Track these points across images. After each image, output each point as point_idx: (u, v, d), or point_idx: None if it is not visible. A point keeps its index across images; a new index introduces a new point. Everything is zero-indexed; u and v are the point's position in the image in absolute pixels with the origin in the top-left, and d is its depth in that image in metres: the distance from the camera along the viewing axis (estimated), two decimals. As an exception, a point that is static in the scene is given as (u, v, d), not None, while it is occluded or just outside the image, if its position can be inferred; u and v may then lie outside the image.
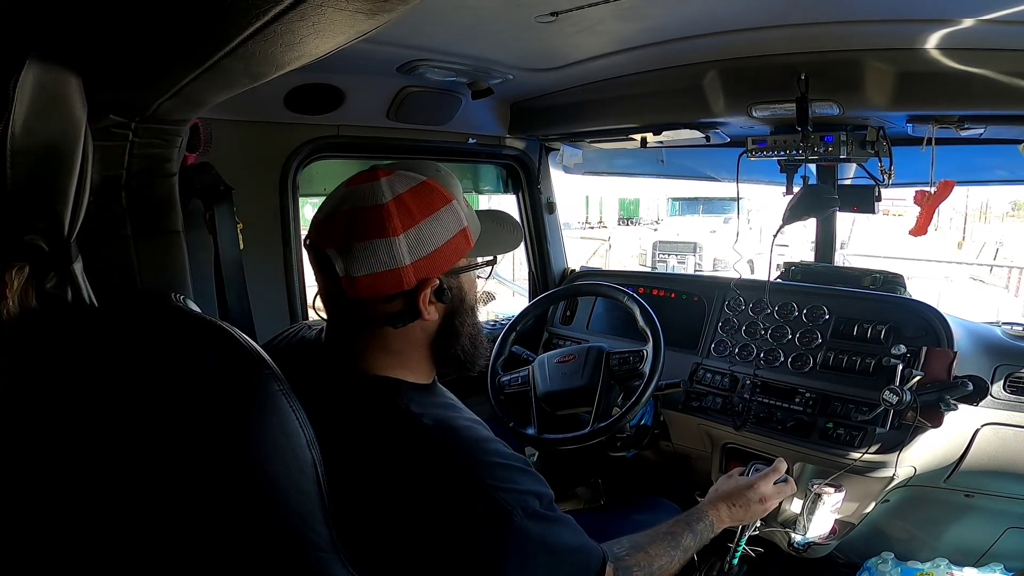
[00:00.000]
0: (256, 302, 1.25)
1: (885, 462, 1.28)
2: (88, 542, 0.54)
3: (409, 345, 0.77)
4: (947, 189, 1.34)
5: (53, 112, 0.58)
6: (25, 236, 0.59)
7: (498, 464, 0.72)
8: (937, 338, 1.32)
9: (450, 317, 0.78)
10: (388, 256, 0.70)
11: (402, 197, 0.72)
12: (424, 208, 0.72)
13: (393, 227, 0.70)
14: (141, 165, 0.97)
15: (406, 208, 0.71)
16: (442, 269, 0.74)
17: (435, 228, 0.73)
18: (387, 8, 0.49)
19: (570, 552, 0.76)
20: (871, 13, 1.11)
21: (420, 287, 0.73)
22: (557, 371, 1.49)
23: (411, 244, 0.71)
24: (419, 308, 0.73)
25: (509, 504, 0.70)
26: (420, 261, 0.72)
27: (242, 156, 1.39)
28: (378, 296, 0.73)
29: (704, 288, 1.75)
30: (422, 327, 0.77)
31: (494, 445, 0.74)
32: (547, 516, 0.74)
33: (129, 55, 0.62)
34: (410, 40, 1.26)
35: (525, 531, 0.70)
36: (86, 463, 0.55)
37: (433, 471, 0.70)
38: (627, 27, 1.22)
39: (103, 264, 0.92)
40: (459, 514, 0.69)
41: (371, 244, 0.70)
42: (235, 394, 0.56)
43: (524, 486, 0.73)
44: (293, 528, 0.58)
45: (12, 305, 0.55)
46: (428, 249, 0.72)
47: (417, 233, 0.71)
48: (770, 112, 1.38)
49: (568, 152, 2.09)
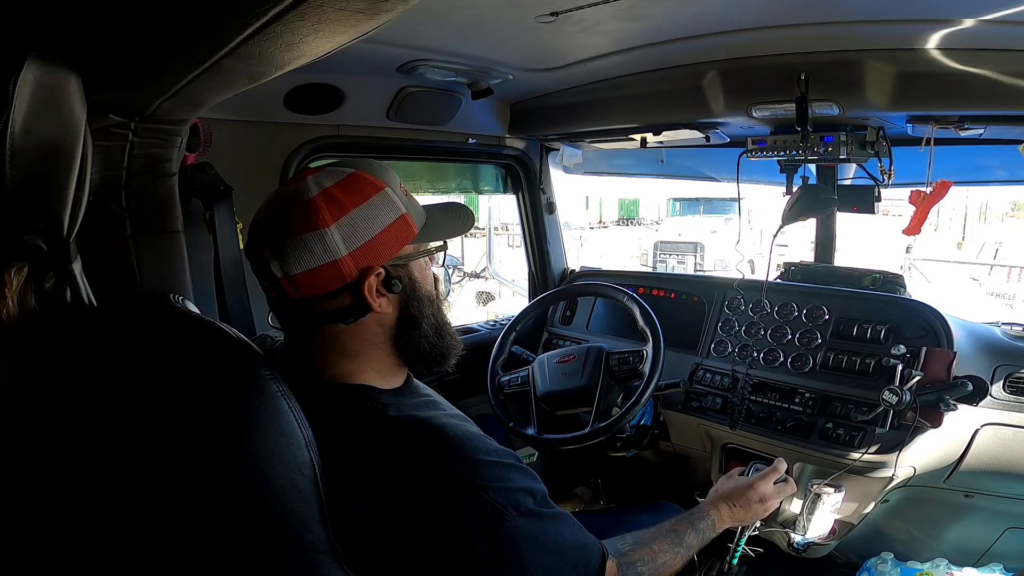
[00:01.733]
0: (256, 302, 1.25)
1: (885, 462, 1.28)
2: (85, 540, 0.54)
3: (368, 344, 0.75)
4: (943, 189, 1.34)
5: (53, 112, 0.58)
6: (24, 236, 0.59)
7: (486, 462, 0.70)
8: (937, 338, 1.32)
9: (406, 308, 0.76)
10: (323, 249, 0.69)
11: (329, 190, 0.70)
12: (354, 197, 0.71)
13: (323, 219, 0.69)
14: (141, 165, 0.97)
15: (334, 199, 0.70)
16: (384, 257, 0.72)
17: (368, 216, 0.71)
18: (387, 8, 0.49)
19: (568, 549, 0.75)
20: (871, 13, 1.11)
21: (362, 277, 0.71)
22: (557, 371, 1.49)
23: (345, 234, 0.69)
24: (366, 299, 0.72)
25: (500, 504, 0.68)
26: (357, 251, 0.70)
27: (242, 156, 1.38)
28: (321, 293, 0.71)
29: (704, 288, 1.75)
30: (378, 322, 0.75)
31: (480, 442, 0.72)
32: (541, 513, 0.72)
33: (129, 55, 0.62)
34: (410, 40, 1.26)
35: (519, 530, 0.69)
36: (84, 462, 0.54)
37: (417, 476, 0.68)
38: (627, 27, 1.22)
39: (103, 264, 0.92)
40: (449, 519, 0.68)
41: (303, 239, 0.68)
42: (233, 395, 0.56)
43: (515, 483, 0.71)
44: (289, 529, 0.58)
45: (11, 305, 0.55)
46: (364, 238, 0.70)
47: (350, 222, 0.70)
48: (770, 112, 1.38)
49: (568, 152, 2.09)
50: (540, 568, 0.71)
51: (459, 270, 8.27)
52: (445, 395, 0.87)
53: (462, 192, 2.12)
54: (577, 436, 1.38)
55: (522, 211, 2.11)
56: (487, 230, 7.31)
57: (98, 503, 0.54)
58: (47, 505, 0.54)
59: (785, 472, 1.19)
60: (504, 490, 0.70)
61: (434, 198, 1.90)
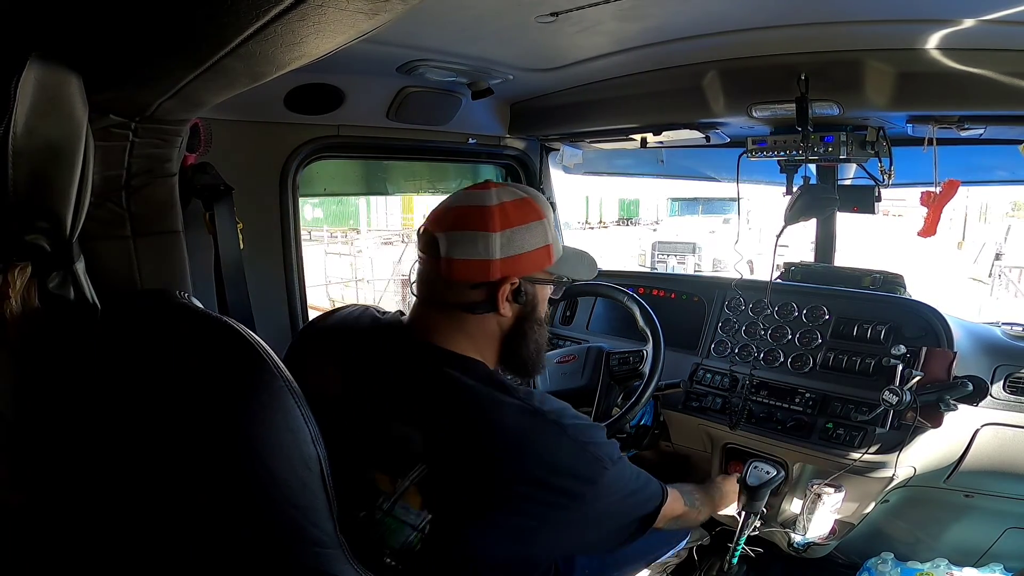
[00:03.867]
0: (256, 302, 1.25)
1: (885, 462, 1.28)
2: (93, 535, 0.55)
3: (483, 333, 0.88)
4: (952, 189, 1.34)
5: (54, 112, 0.58)
6: (27, 236, 0.59)
7: (579, 425, 0.84)
8: (937, 338, 1.32)
9: (521, 320, 0.89)
10: (484, 247, 0.83)
11: (505, 204, 0.85)
12: (521, 217, 0.86)
13: (493, 224, 0.83)
14: (141, 165, 0.96)
15: (506, 213, 0.85)
16: (524, 272, 0.86)
17: (525, 235, 0.85)
18: (387, 8, 0.49)
19: (637, 491, 0.93)
20: (871, 13, 1.11)
21: (502, 282, 0.85)
22: (557, 371, 1.49)
23: (504, 243, 0.84)
24: (498, 301, 0.85)
25: (600, 456, 0.83)
26: (508, 259, 0.84)
27: (242, 156, 1.39)
28: (467, 281, 0.85)
29: (704, 288, 1.75)
30: (497, 321, 0.88)
31: (569, 409, 0.86)
32: (622, 459, 0.88)
33: (129, 55, 0.62)
34: (410, 40, 1.26)
35: (614, 477, 0.84)
36: (91, 459, 0.55)
37: (529, 433, 0.79)
38: (627, 27, 1.22)
39: (103, 264, 0.92)
40: (558, 471, 0.79)
41: (472, 234, 0.83)
42: (240, 391, 0.56)
43: (601, 438, 0.86)
44: (296, 524, 0.58)
45: (15, 304, 0.55)
46: (516, 251, 0.85)
47: (511, 235, 0.84)
48: (770, 112, 1.38)
49: (568, 152, 2.09)
50: (621, 506, 0.89)
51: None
52: None
53: (462, 192, 2.12)
54: (577, 436, 1.38)
55: (522, 211, 2.11)
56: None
57: (105, 499, 0.54)
58: (54, 500, 0.54)
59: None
60: (596, 444, 0.84)
61: (434, 198, 1.89)
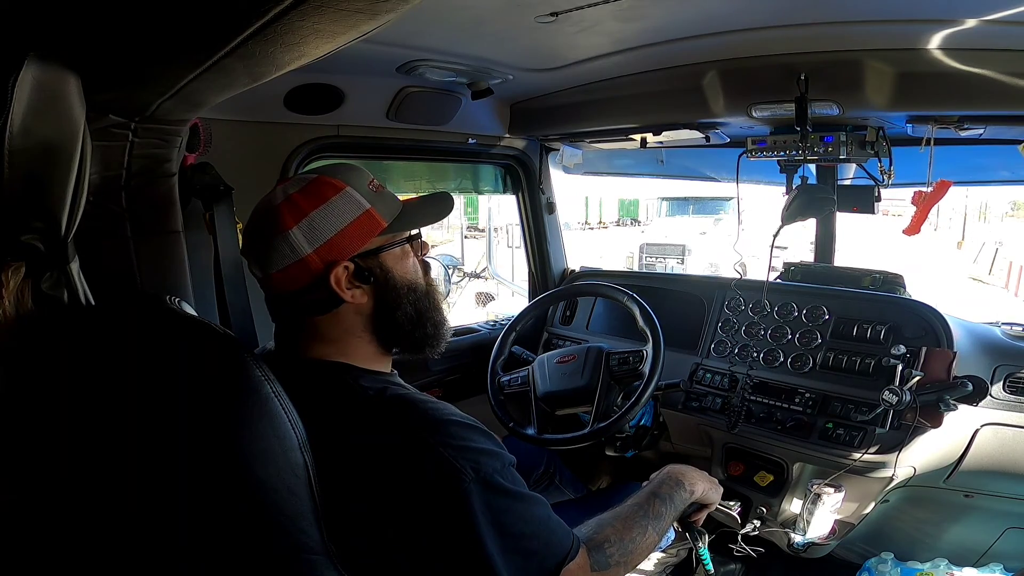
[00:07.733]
0: (256, 302, 1.25)
1: (885, 462, 1.28)
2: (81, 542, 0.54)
3: (345, 331, 0.80)
4: (943, 189, 1.34)
5: (51, 112, 0.58)
6: (22, 236, 0.58)
7: (445, 421, 0.71)
8: (937, 338, 1.33)
9: (381, 297, 0.81)
10: (289, 249, 0.76)
11: (292, 196, 0.77)
12: (313, 200, 0.77)
13: (285, 223, 0.76)
14: (141, 165, 0.96)
15: (295, 204, 0.77)
16: (350, 251, 0.78)
17: (328, 215, 0.77)
18: (387, 8, 0.49)
19: (528, 537, 0.72)
20: (871, 13, 1.11)
21: (328, 272, 0.77)
22: (557, 371, 1.49)
23: (306, 234, 0.76)
24: (335, 292, 0.77)
25: (458, 463, 0.68)
26: (321, 248, 0.76)
27: (242, 156, 1.38)
28: (297, 288, 0.78)
29: (704, 288, 1.75)
30: (356, 311, 0.80)
31: (444, 407, 0.74)
32: (507, 490, 0.71)
33: (129, 55, 0.62)
34: (410, 40, 1.26)
35: (475, 496, 0.68)
36: (79, 463, 0.54)
37: (380, 435, 0.71)
38: (627, 27, 1.22)
39: (102, 265, 0.91)
40: (408, 478, 0.69)
41: (272, 242, 0.76)
42: (227, 397, 0.56)
43: (476, 444, 0.71)
44: (283, 530, 0.58)
45: (8, 305, 0.55)
46: (326, 235, 0.76)
47: (309, 223, 0.76)
48: (770, 112, 1.38)
49: (568, 152, 2.09)
50: (493, 545, 0.69)
51: (459, 270, 8.24)
52: (446, 395, 0.87)
53: (462, 192, 2.12)
54: (577, 436, 1.38)
55: (522, 211, 2.11)
56: (487, 230, 7.28)
57: (92, 505, 0.54)
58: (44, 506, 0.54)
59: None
60: (463, 448, 0.70)
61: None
